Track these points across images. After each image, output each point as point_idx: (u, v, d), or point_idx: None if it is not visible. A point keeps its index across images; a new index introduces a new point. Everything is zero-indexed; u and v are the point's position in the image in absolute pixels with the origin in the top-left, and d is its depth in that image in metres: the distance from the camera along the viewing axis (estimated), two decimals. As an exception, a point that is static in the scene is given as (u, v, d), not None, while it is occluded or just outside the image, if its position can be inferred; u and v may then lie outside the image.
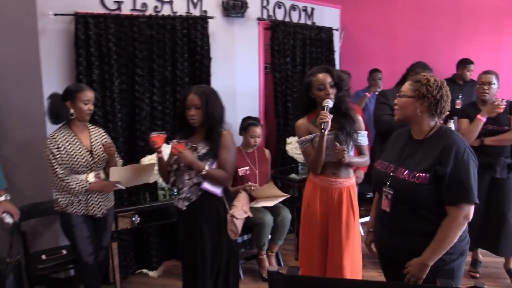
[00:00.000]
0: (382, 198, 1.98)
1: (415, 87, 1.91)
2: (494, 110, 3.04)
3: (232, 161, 2.43)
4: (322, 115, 2.34)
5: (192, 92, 2.35)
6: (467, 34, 5.23)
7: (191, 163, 2.29)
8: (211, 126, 2.36)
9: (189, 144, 2.40)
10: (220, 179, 2.38)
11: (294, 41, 4.13)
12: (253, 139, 3.48)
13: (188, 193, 2.38)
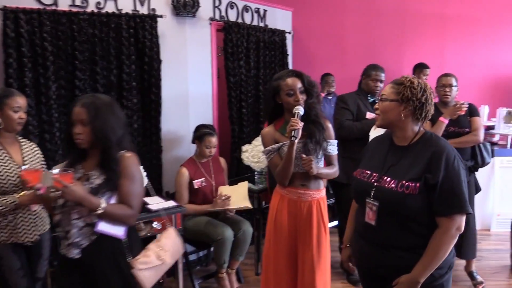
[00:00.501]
0: (366, 210, 1.81)
1: (398, 90, 1.77)
2: (455, 112, 3.02)
3: (138, 192, 1.89)
4: (293, 122, 2.15)
5: (78, 104, 1.80)
6: (413, 39, 5.33)
7: (80, 200, 1.72)
8: (105, 149, 1.81)
9: (81, 172, 1.85)
10: (122, 218, 1.82)
11: (248, 43, 3.93)
12: (209, 150, 3.23)
13: (77, 237, 1.79)
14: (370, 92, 3.32)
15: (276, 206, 2.38)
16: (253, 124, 4.10)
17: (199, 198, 3.26)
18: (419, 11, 5.27)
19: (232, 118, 3.86)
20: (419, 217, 1.70)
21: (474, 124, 3.19)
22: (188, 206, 3.13)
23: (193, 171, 3.24)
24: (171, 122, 3.43)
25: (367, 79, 3.31)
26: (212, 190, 3.30)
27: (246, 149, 3.74)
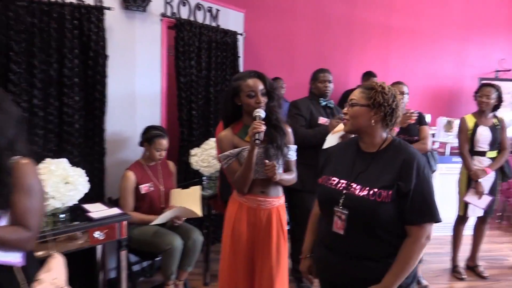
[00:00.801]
0: (334, 219, 1.74)
1: (369, 95, 1.73)
2: (406, 120, 3.07)
3: (37, 208, 1.56)
4: (256, 125, 2.04)
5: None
6: (360, 47, 5.45)
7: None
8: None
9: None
10: (17, 243, 1.51)
11: (200, 43, 3.77)
12: (159, 153, 3.04)
13: None
14: (321, 95, 3.30)
15: (234, 215, 2.25)
16: (202, 127, 3.94)
17: (146, 204, 3.06)
18: (366, 21, 5.40)
19: (182, 120, 3.68)
20: (389, 225, 1.66)
21: (423, 133, 3.27)
22: (134, 215, 2.92)
23: (140, 175, 3.03)
24: (116, 123, 3.19)
25: (316, 82, 3.31)
26: (160, 195, 3.11)
27: (195, 153, 3.59)
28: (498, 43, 5.63)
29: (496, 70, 5.63)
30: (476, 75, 5.58)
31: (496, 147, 3.55)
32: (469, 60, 5.63)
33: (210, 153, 3.53)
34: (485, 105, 3.49)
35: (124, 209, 2.90)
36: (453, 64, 5.62)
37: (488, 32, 5.60)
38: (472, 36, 5.59)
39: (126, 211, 2.89)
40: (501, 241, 4.51)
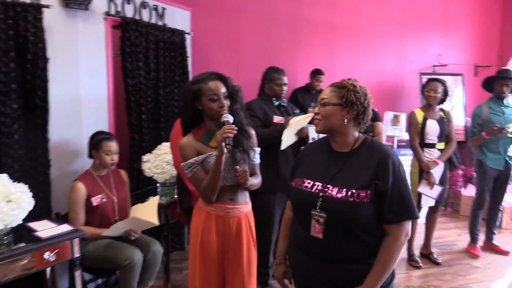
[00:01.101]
0: (311, 223, 1.68)
1: (341, 94, 1.69)
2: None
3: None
4: (227, 129, 1.94)
5: None
6: (306, 45, 5.48)
7: None
8: None
9: None
10: None
11: (147, 43, 3.57)
12: (110, 157, 2.83)
13: None
14: (275, 97, 3.25)
15: (201, 225, 2.12)
16: (153, 131, 3.75)
17: (98, 218, 2.84)
18: (311, 18, 5.43)
19: (131, 125, 3.47)
20: (369, 226, 1.63)
21: (377, 129, 3.33)
22: (86, 229, 2.69)
23: (91, 186, 2.81)
24: (61, 131, 2.93)
25: (271, 84, 3.25)
26: (113, 207, 2.91)
27: (147, 159, 3.41)
28: (435, 39, 5.91)
29: (433, 65, 5.90)
30: (416, 70, 5.82)
31: (444, 139, 3.70)
32: (409, 56, 5.86)
33: (163, 159, 3.37)
34: (432, 99, 3.61)
35: (74, 224, 2.67)
36: (395, 60, 5.82)
37: (424, 29, 5.86)
38: (411, 33, 5.82)
39: (76, 226, 2.66)
40: (448, 227, 4.73)
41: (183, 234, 4.04)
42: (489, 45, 6.17)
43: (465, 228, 4.45)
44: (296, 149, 3.25)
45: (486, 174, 3.85)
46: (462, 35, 6.06)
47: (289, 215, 1.93)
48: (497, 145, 3.80)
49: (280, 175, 3.11)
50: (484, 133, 3.73)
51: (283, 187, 3.17)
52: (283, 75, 3.25)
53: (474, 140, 3.88)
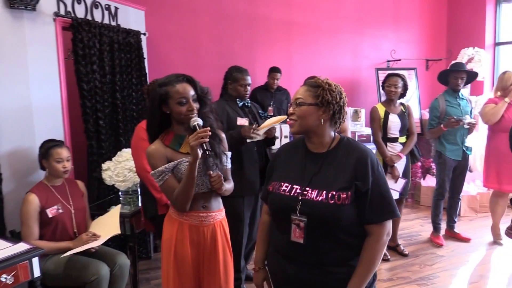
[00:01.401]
0: (291, 228, 1.62)
1: (316, 93, 1.64)
2: None
3: None
4: (200, 133, 1.84)
5: None
6: (264, 43, 5.44)
7: None
8: None
9: None
10: None
11: (101, 45, 3.39)
12: (61, 164, 2.65)
13: None
14: (239, 97, 3.18)
15: (174, 236, 2.00)
16: (112, 137, 3.57)
17: (55, 231, 2.65)
18: (268, 17, 5.40)
19: (89, 131, 3.27)
20: (350, 227, 1.60)
21: (343, 126, 3.32)
22: (40, 244, 2.50)
23: (45, 197, 2.62)
24: (12, 142, 2.72)
25: (235, 84, 3.16)
26: (71, 217, 2.73)
27: (107, 166, 3.23)
28: (388, 35, 6.05)
29: (387, 60, 6.04)
30: (372, 65, 5.93)
31: (405, 133, 3.77)
32: (364, 52, 5.97)
33: (125, 166, 3.20)
34: (393, 94, 3.67)
35: (27, 239, 2.50)
36: (351, 56, 5.91)
37: (378, 25, 5.99)
38: (365, 29, 5.92)
39: (29, 241, 2.48)
40: (410, 218, 4.85)
41: (149, 242, 3.89)
42: (438, 39, 6.40)
43: (427, 218, 4.57)
44: (261, 150, 3.18)
45: (446, 165, 3.96)
46: (413, 31, 6.24)
47: (266, 219, 1.86)
48: (454, 137, 3.92)
49: (246, 178, 3.05)
50: (442, 125, 3.84)
51: (250, 189, 3.10)
52: (246, 75, 3.17)
53: (433, 132, 3.99)
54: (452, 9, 6.34)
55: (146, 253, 3.87)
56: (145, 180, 2.82)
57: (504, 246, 4.01)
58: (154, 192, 2.78)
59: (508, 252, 3.89)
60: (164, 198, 2.77)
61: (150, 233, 3.83)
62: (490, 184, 4.02)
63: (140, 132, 2.81)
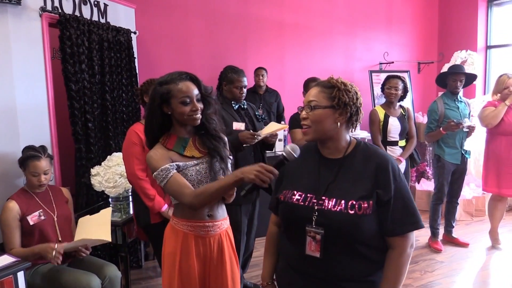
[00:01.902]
0: (306, 240, 1.49)
1: (332, 94, 1.50)
2: None
3: None
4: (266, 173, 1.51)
5: None
6: (256, 44, 5.32)
7: None
8: None
9: None
10: None
11: (90, 43, 3.21)
12: (37, 178, 2.46)
13: None
14: (234, 100, 3.02)
15: (179, 249, 1.82)
16: (101, 141, 3.39)
17: (37, 239, 2.46)
18: (260, 17, 5.28)
19: (77, 134, 3.08)
20: (371, 240, 1.47)
21: None
22: (18, 252, 2.32)
23: (25, 204, 2.45)
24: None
25: (231, 86, 2.99)
26: (54, 224, 2.54)
27: (96, 171, 3.07)
28: (380, 37, 5.99)
29: (380, 63, 5.98)
30: (365, 67, 5.86)
31: (405, 136, 3.68)
32: (357, 54, 5.89)
33: (115, 171, 3.04)
34: (394, 96, 3.58)
35: (7, 248, 2.35)
36: (344, 58, 5.82)
37: (371, 27, 5.92)
38: (358, 31, 5.84)
39: (8, 250, 2.33)
40: (406, 223, 4.76)
41: (139, 250, 3.71)
42: (429, 42, 6.37)
43: (424, 223, 4.49)
44: (258, 156, 3.02)
45: (445, 169, 3.88)
46: (405, 33, 6.20)
47: (274, 230, 1.73)
48: (453, 140, 3.85)
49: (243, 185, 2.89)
50: (442, 129, 3.76)
51: (247, 197, 2.93)
52: (243, 77, 3.01)
53: (432, 136, 3.91)
54: (443, 12, 6.32)
55: (137, 262, 3.69)
56: (136, 187, 2.65)
57: (503, 250, 3.95)
58: (146, 200, 2.62)
59: (507, 256, 3.83)
60: (156, 207, 2.61)
61: (141, 241, 3.65)
62: (490, 188, 3.96)
63: (132, 136, 2.65)
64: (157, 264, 3.80)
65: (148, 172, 2.61)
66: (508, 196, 3.93)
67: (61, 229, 2.57)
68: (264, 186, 1.46)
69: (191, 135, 1.88)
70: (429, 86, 6.30)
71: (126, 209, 3.13)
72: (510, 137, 3.77)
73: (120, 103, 3.60)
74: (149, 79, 2.75)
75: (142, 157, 2.59)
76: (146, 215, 2.68)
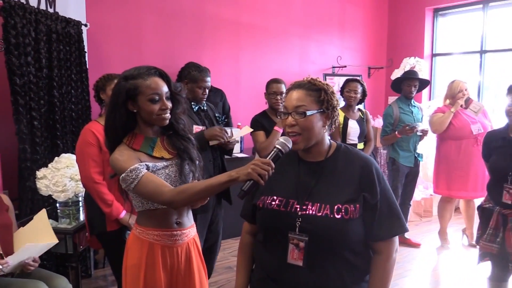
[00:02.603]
0: (289, 248, 1.42)
1: (320, 98, 1.44)
2: None
3: None
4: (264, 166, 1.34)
5: None
6: (211, 44, 5.18)
7: None
8: None
9: None
10: None
11: (37, 33, 2.95)
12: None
13: None
14: (195, 101, 2.84)
15: (143, 261, 1.67)
16: (48, 141, 3.12)
17: None
18: (217, 17, 5.15)
19: (21, 133, 2.81)
20: (357, 245, 1.43)
21: None
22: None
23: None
24: None
25: (193, 85, 2.78)
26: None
27: (43, 174, 2.83)
28: (333, 41, 6.07)
29: (332, 66, 6.06)
30: (318, 71, 5.90)
31: (363, 139, 3.73)
32: (311, 56, 5.92)
33: (64, 173, 2.81)
34: (353, 99, 3.61)
35: None
36: (298, 60, 5.83)
37: (325, 31, 5.98)
38: (312, 34, 5.88)
39: None
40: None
41: (88, 258, 3.45)
42: (379, 48, 6.55)
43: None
44: (218, 162, 2.86)
45: (399, 171, 3.98)
46: (357, 38, 6.33)
47: (248, 240, 1.63)
48: (407, 143, 3.96)
49: None
50: (397, 132, 3.85)
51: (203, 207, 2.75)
52: (207, 76, 2.82)
53: (387, 139, 4.00)
54: (392, 20, 6.53)
55: (86, 271, 3.43)
56: (92, 192, 2.44)
57: (451, 250, 4.11)
58: (103, 206, 2.41)
59: (456, 255, 3.99)
60: (114, 213, 2.41)
61: (91, 248, 3.41)
62: (440, 191, 4.11)
63: (88, 136, 2.44)
64: (107, 272, 3.57)
65: (105, 176, 2.41)
66: (458, 198, 4.10)
67: (2, 241, 2.31)
68: (261, 182, 1.32)
69: (158, 135, 1.74)
70: (379, 91, 6.49)
71: (76, 215, 2.90)
72: (459, 141, 3.93)
73: (68, 100, 3.34)
74: (106, 74, 2.55)
75: (99, 159, 2.40)
76: (101, 222, 2.47)
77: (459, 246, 4.20)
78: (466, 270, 3.63)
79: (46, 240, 2.28)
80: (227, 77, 5.12)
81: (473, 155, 3.86)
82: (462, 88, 3.93)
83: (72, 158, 2.86)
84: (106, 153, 2.10)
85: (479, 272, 3.30)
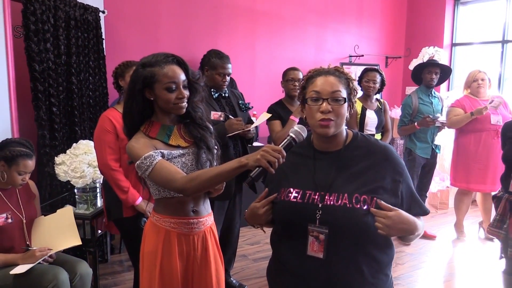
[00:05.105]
0: (309, 240, 1.40)
1: (347, 85, 1.45)
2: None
3: None
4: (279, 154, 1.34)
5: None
6: (227, 32, 5.15)
7: None
8: None
9: None
10: None
11: (56, 20, 2.97)
12: (22, 177, 2.27)
13: None
14: (215, 88, 2.84)
15: (160, 249, 1.68)
16: (66, 127, 3.16)
17: (2, 243, 2.26)
18: (233, 5, 5.11)
19: (40, 119, 2.85)
20: (378, 237, 1.39)
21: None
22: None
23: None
24: None
25: (213, 72, 2.79)
26: (22, 228, 2.34)
27: (61, 160, 2.86)
28: (351, 30, 5.98)
29: (349, 56, 5.98)
30: (335, 60, 5.83)
31: (381, 130, 3.68)
32: (328, 45, 5.85)
33: (83, 160, 2.84)
34: (372, 89, 3.56)
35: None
36: (314, 49, 5.76)
37: (342, 19, 5.89)
38: (329, 23, 5.80)
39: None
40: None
41: (105, 243, 3.51)
42: (397, 37, 6.43)
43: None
44: (238, 150, 2.87)
45: (415, 162, 3.93)
46: (375, 27, 6.22)
47: None
48: (425, 135, 3.90)
49: None
50: (417, 124, 3.79)
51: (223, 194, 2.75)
52: (227, 63, 2.82)
53: (405, 130, 3.94)
54: (411, 8, 6.40)
55: (103, 256, 3.49)
56: (108, 178, 2.47)
57: (467, 242, 4.07)
58: (119, 193, 2.43)
59: (472, 248, 3.95)
60: (130, 200, 2.43)
61: (107, 233, 3.46)
62: (458, 183, 4.05)
63: (105, 123, 2.45)
64: (123, 258, 3.63)
65: (121, 163, 2.44)
66: (476, 191, 4.04)
67: (29, 233, 2.37)
68: (271, 170, 1.31)
69: (175, 123, 1.74)
70: (396, 81, 6.39)
71: (93, 201, 2.94)
72: (479, 133, 3.85)
73: (86, 87, 3.37)
74: (125, 61, 2.55)
75: (116, 146, 2.42)
76: (118, 208, 2.50)
77: (475, 239, 4.16)
78: (482, 263, 3.59)
79: (69, 239, 2.33)
80: (243, 66, 5.09)
81: (493, 148, 3.78)
82: (478, 78, 3.84)
83: (90, 145, 2.89)
84: (123, 140, 2.13)
85: (495, 266, 3.25)
